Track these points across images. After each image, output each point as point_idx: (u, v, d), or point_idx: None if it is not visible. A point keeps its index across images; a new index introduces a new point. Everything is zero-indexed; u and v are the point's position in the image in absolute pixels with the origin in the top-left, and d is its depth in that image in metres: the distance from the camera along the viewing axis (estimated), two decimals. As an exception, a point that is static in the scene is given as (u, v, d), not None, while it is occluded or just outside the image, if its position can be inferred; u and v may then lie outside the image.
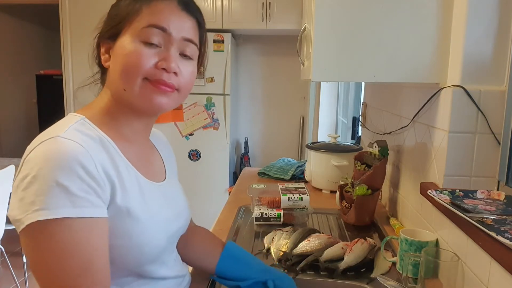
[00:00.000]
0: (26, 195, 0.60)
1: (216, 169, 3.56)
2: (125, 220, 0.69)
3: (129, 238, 0.69)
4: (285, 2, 3.31)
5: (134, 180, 0.74)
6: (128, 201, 0.70)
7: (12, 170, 2.34)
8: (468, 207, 0.85)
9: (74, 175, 0.61)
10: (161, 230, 0.77)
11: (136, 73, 0.70)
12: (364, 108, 2.06)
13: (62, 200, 0.59)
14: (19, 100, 4.90)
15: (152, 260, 0.76)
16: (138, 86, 0.71)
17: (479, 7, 0.94)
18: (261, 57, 3.95)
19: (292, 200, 1.39)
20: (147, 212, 0.73)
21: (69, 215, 0.60)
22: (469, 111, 0.97)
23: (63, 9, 3.44)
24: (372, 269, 1.07)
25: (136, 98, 0.72)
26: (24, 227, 0.60)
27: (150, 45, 0.71)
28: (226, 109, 3.46)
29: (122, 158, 0.73)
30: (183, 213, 0.88)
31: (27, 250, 0.62)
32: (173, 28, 0.72)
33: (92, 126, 0.71)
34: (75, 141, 0.64)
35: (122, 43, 0.72)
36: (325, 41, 1.04)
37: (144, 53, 0.70)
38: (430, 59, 1.03)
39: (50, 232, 0.59)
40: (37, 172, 0.60)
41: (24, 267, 2.66)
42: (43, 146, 0.63)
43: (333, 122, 3.34)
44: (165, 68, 0.71)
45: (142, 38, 0.71)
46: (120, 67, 0.71)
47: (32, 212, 0.59)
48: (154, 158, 0.87)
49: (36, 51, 5.03)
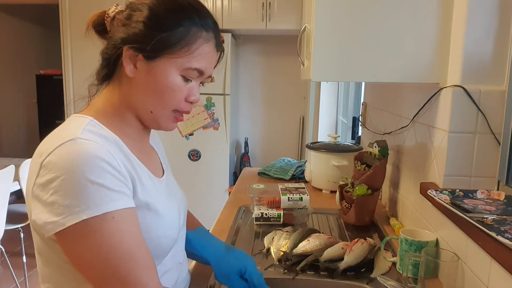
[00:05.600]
0: (59, 198, 0.61)
1: (216, 169, 3.56)
2: (144, 213, 0.72)
3: (148, 231, 0.72)
4: (285, 2, 3.31)
5: (146, 175, 0.77)
6: (146, 195, 0.73)
7: (12, 170, 2.34)
8: (468, 207, 0.85)
9: (105, 172, 0.63)
10: (175, 222, 0.81)
11: (171, 105, 0.76)
12: (364, 108, 2.06)
13: (100, 196, 0.62)
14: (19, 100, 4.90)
15: (167, 251, 0.79)
16: (167, 115, 0.77)
17: (479, 7, 0.94)
18: (261, 57, 3.95)
19: (292, 200, 1.39)
20: (162, 205, 0.77)
21: (111, 209, 0.63)
22: (469, 111, 0.97)
23: (63, 9, 3.44)
24: (372, 269, 1.07)
25: (157, 122, 0.78)
26: (64, 229, 0.61)
27: (186, 81, 0.76)
28: (226, 109, 3.46)
29: (133, 155, 0.75)
30: (182, 205, 0.91)
31: (72, 249, 0.63)
32: (209, 71, 0.79)
33: (101, 126, 0.72)
34: (95, 141, 0.66)
35: (164, 70, 0.73)
36: (325, 41, 1.04)
37: (183, 90, 0.76)
38: (430, 59, 1.03)
39: (96, 228, 0.62)
40: (66, 175, 0.61)
41: (24, 267, 2.66)
42: (64, 148, 0.63)
43: (333, 122, 3.34)
44: (193, 102, 0.79)
45: (184, 74, 0.75)
46: (156, 92, 0.74)
47: (74, 213, 0.61)
48: (152, 155, 0.89)
49: (36, 51, 5.03)
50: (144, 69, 0.73)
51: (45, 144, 0.66)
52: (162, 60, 0.72)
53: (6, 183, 2.31)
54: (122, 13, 0.75)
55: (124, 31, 0.73)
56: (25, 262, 2.66)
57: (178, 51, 0.72)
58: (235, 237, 1.28)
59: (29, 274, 2.70)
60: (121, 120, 0.77)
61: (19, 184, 2.51)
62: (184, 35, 0.72)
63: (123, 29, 0.73)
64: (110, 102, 0.77)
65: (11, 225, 2.51)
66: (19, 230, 2.61)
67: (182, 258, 0.90)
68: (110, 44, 0.74)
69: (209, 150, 3.53)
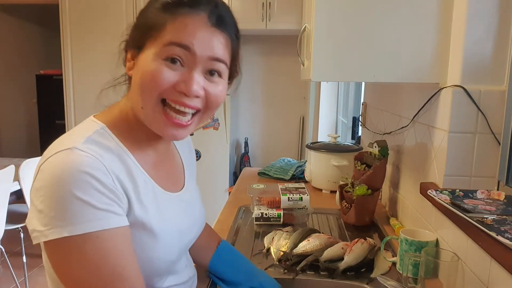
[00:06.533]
0: (46, 208, 0.59)
1: (216, 169, 3.56)
2: (139, 233, 0.68)
3: (141, 251, 0.69)
4: (285, 2, 3.31)
5: (150, 193, 0.72)
6: (144, 214, 0.69)
7: (12, 170, 2.34)
8: (468, 207, 0.85)
9: (93, 189, 0.60)
10: (174, 243, 0.77)
11: (152, 92, 0.66)
12: (364, 108, 2.06)
13: (86, 215, 0.59)
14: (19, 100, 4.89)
15: (160, 273, 0.76)
16: (153, 107, 0.67)
17: (479, 7, 0.94)
18: (261, 57, 3.95)
19: (292, 200, 1.39)
20: (162, 225, 0.72)
21: (95, 229, 0.60)
22: (469, 111, 0.97)
23: (63, 9, 3.44)
24: (372, 269, 1.07)
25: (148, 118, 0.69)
26: (48, 241, 0.59)
27: (172, 64, 0.66)
28: (226, 109, 3.46)
29: (140, 170, 0.72)
30: (198, 221, 0.88)
31: (55, 263, 0.62)
32: (198, 47, 0.66)
33: (110, 135, 0.70)
34: (91, 154, 0.62)
35: (145, 58, 0.67)
36: (325, 41, 1.04)
37: (163, 72, 0.65)
38: (430, 59, 1.03)
39: (78, 246, 0.59)
40: (52, 186, 0.59)
41: (24, 267, 2.65)
42: (58, 156, 0.61)
43: (333, 122, 3.34)
44: (184, 92, 0.66)
45: (164, 56, 0.65)
46: (138, 82, 0.67)
47: (57, 227, 0.58)
48: (173, 165, 0.85)
49: (36, 51, 5.03)
50: (136, 65, 0.70)
51: (50, 147, 0.65)
52: (146, 49, 0.68)
53: (6, 183, 2.31)
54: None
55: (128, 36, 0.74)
56: (25, 262, 2.66)
57: (153, 33, 0.67)
58: (235, 237, 1.28)
59: (29, 274, 2.70)
60: (134, 129, 0.73)
61: (19, 184, 2.51)
62: (155, 15, 0.68)
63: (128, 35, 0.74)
64: (125, 107, 0.74)
65: (11, 225, 2.50)
66: (19, 230, 2.61)
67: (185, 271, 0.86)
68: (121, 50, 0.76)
69: (209, 150, 3.53)
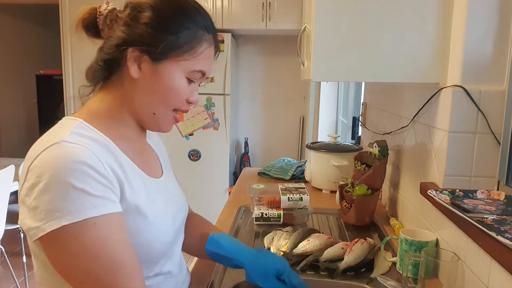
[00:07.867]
0: (41, 203, 0.60)
1: (216, 169, 3.56)
2: (134, 217, 0.70)
3: (138, 235, 0.71)
4: (285, 2, 3.31)
5: (138, 178, 0.75)
6: (136, 198, 0.71)
7: (12, 170, 2.34)
8: (468, 207, 0.85)
9: (87, 177, 0.62)
10: (168, 225, 0.80)
11: (173, 106, 0.77)
12: (364, 108, 2.06)
13: (82, 202, 0.61)
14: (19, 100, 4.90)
15: (159, 255, 0.77)
16: (168, 116, 0.78)
17: (479, 7, 0.94)
18: (261, 57, 3.95)
19: (292, 200, 1.39)
20: (154, 208, 0.75)
21: (92, 215, 0.62)
22: (469, 111, 0.97)
23: (63, 9, 3.44)
24: (372, 269, 1.07)
25: (157, 123, 0.78)
26: (45, 235, 0.60)
27: (191, 82, 0.77)
28: (226, 109, 3.46)
29: (124, 157, 0.74)
30: (183, 207, 0.90)
31: (54, 256, 0.63)
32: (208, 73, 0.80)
33: (91, 128, 0.71)
34: (80, 144, 0.64)
35: (170, 72, 0.73)
36: (325, 41, 1.04)
37: (186, 91, 0.77)
38: (430, 59, 1.03)
39: (77, 234, 0.61)
40: (48, 179, 0.60)
41: (24, 267, 2.66)
42: (48, 152, 0.63)
43: (333, 122, 3.34)
44: (191, 102, 0.79)
45: (189, 76, 0.76)
46: (160, 94, 0.74)
47: (55, 218, 0.60)
48: (150, 154, 0.88)
49: (36, 51, 5.03)
50: (149, 70, 0.73)
51: (33, 148, 0.66)
52: (168, 62, 0.73)
53: (6, 183, 2.31)
54: (122, 12, 0.74)
55: (128, 31, 0.72)
56: (25, 262, 2.66)
57: (184, 54, 0.74)
58: (235, 237, 1.28)
59: (29, 274, 2.70)
60: (116, 122, 0.76)
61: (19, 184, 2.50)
62: (190, 38, 0.73)
63: (127, 30, 0.72)
64: (106, 103, 0.76)
65: (11, 225, 2.50)
66: (19, 230, 2.61)
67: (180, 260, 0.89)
68: (111, 44, 0.72)
69: (209, 150, 3.54)
